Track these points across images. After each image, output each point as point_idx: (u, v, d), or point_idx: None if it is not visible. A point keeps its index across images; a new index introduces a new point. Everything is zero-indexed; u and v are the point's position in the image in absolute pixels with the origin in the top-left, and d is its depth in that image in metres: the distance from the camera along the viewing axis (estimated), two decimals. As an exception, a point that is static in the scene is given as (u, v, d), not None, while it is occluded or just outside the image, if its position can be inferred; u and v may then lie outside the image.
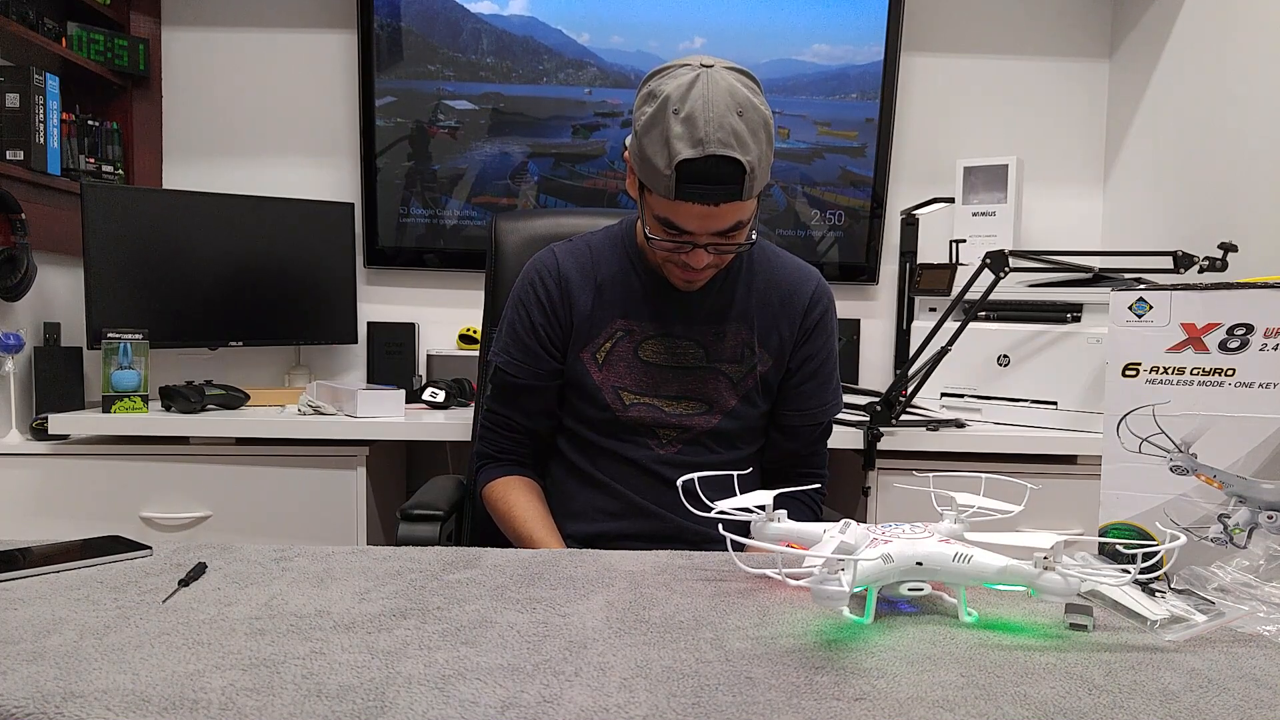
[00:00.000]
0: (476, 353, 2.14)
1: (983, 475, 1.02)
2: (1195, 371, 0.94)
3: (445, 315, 2.53)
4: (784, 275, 1.35)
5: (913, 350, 1.97)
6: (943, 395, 2.06)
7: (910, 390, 1.89)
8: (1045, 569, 0.77)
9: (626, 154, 1.23)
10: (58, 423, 1.93)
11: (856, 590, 0.76)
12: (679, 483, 1.03)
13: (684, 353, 1.31)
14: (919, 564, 0.80)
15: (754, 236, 1.24)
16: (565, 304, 1.31)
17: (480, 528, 1.47)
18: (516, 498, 1.32)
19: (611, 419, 1.31)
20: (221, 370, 2.37)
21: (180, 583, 0.88)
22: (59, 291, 2.24)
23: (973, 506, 0.94)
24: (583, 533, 1.31)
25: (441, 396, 2.12)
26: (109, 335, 1.96)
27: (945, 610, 0.84)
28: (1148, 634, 0.80)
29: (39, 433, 1.98)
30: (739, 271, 1.33)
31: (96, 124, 2.34)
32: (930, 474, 1.06)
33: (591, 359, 1.31)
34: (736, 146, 1.11)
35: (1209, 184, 2.12)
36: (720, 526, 0.89)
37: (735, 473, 1.09)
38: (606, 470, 1.32)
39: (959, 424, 1.94)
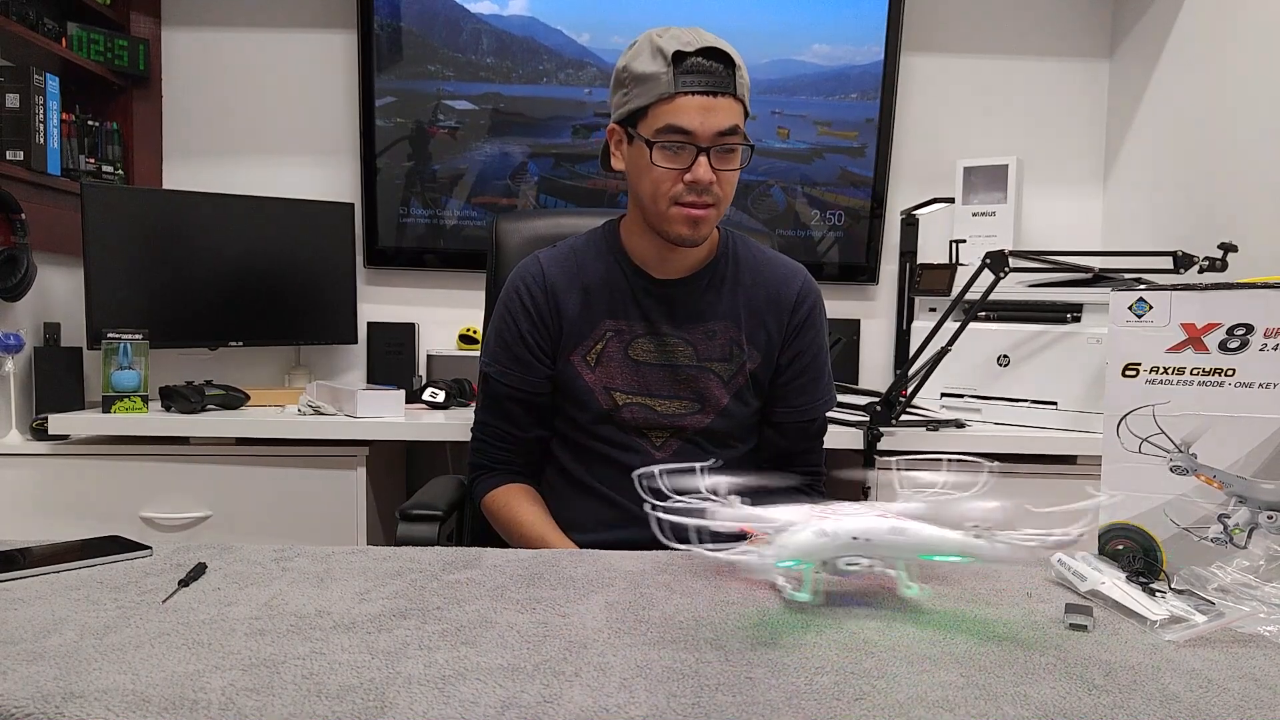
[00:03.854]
0: (477, 353, 2.14)
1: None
2: (1195, 371, 0.94)
3: (445, 315, 2.52)
4: (770, 273, 1.35)
5: (913, 350, 1.97)
6: (943, 395, 2.06)
7: (910, 390, 1.89)
8: (976, 537, 0.79)
9: (610, 127, 1.28)
10: (58, 423, 1.93)
11: (791, 566, 0.80)
12: (634, 475, 0.94)
13: (674, 351, 1.30)
14: (855, 539, 0.81)
15: (741, 165, 1.24)
16: (552, 310, 1.31)
17: (480, 528, 1.47)
18: (520, 503, 1.32)
19: (605, 422, 1.30)
20: (221, 370, 2.37)
21: (180, 583, 0.88)
22: (59, 291, 2.24)
23: (935, 485, 0.93)
24: (581, 542, 1.29)
25: (441, 397, 2.12)
26: (109, 335, 1.96)
27: (936, 609, 0.84)
28: (1148, 634, 0.80)
29: (39, 433, 1.98)
30: (725, 269, 1.32)
31: (96, 124, 2.34)
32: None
33: (583, 361, 1.31)
34: (722, 45, 1.19)
35: (1209, 184, 2.12)
36: (650, 508, 0.86)
37: (698, 465, 0.94)
38: (603, 478, 1.31)
39: (959, 424, 1.94)
